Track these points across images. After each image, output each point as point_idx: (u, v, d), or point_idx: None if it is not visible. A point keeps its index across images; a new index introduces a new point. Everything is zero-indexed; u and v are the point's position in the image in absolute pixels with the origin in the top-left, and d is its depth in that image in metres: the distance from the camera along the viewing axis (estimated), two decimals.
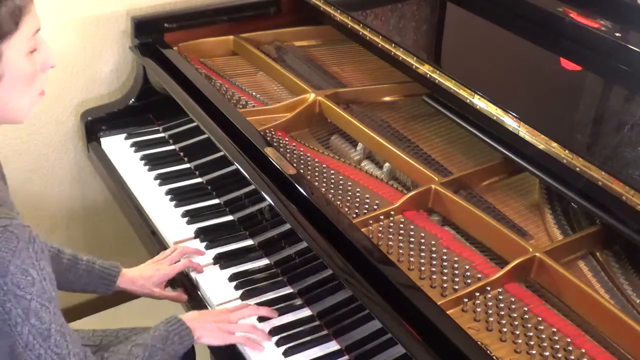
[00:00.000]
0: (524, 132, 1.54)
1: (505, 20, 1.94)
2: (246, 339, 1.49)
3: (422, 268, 1.49)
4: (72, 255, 1.62)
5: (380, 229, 1.57)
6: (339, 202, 1.66)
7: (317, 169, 1.77)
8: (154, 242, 1.85)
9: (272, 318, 1.55)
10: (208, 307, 1.63)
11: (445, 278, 1.47)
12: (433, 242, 1.55)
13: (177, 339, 1.43)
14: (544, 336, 1.35)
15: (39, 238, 1.22)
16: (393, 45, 1.88)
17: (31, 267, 1.19)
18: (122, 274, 1.66)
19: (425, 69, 1.78)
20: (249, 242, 1.77)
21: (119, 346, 1.40)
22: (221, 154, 1.82)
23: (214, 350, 1.54)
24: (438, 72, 1.75)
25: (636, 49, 1.65)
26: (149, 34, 2.19)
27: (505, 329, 1.36)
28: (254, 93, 2.07)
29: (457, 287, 1.45)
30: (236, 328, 1.50)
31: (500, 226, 1.53)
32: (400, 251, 1.53)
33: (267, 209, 1.69)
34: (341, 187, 1.71)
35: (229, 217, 1.86)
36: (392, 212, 1.60)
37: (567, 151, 1.46)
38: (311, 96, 1.96)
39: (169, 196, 1.92)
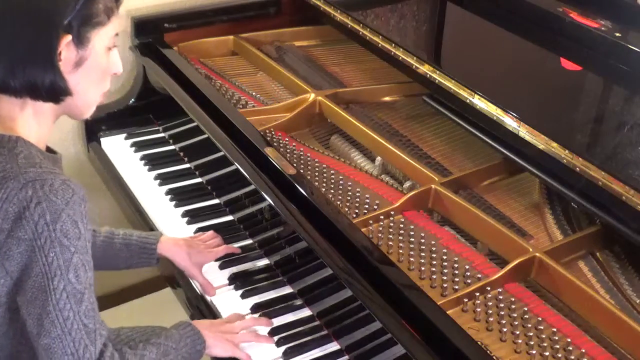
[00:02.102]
0: (524, 132, 1.54)
1: (505, 20, 1.94)
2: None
3: (422, 268, 1.49)
4: (108, 232, 1.63)
5: (380, 229, 1.57)
6: (339, 202, 1.66)
7: (317, 169, 1.77)
8: None
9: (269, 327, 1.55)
10: (209, 308, 1.63)
11: (445, 278, 1.47)
12: (433, 242, 1.55)
13: (189, 341, 1.42)
14: (544, 336, 1.35)
15: (88, 204, 1.26)
16: (393, 45, 1.88)
17: (80, 222, 1.23)
18: (163, 240, 1.65)
19: (425, 69, 1.78)
20: (248, 242, 1.77)
21: (133, 345, 1.39)
22: (221, 154, 1.82)
23: None
24: (438, 72, 1.75)
25: (636, 49, 1.65)
26: (148, 34, 2.19)
27: (505, 329, 1.36)
28: (254, 93, 2.07)
29: (457, 287, 1.45)
30: (241, 338, 1.50)
31: (500, 226, 1.53)
32: (400, 251, 1.53)
33: (267, 209, 1.69)
34: (341, 187, 1.71)
35: (229, 217, 1.86)
36: (392, 212, 1.60)
37: (567, 151, 1.46)
38: (311, 96, 1.96)
39: (169, 196, 1.92)
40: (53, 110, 1.31)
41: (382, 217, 1.59)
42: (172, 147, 2.12)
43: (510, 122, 1.58)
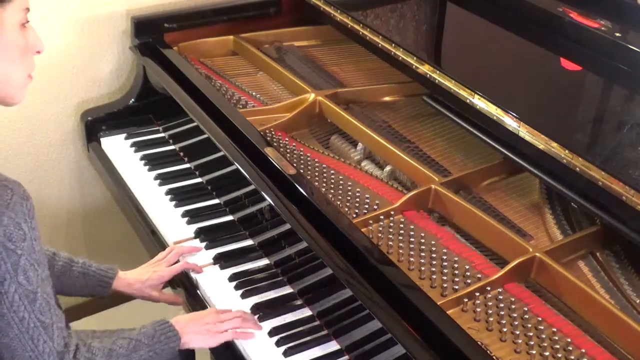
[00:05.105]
0: (524, 132, 1.54)
1: (505, 20, 1.94)
2: (236, 333, 1.49)
3: (422, 268, 1.49)
4: (67, 259, 1.61)
5: (380, 229, 1.57)
6: (339, 202, 1.66)
7: (317, 169, 1.77)
8: (154, 242, 1.85)
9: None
10: (208, 307, 1.63)
11: (445, 278, 1.47)
12: (433, 242, 1.55)
13: (163, 338, 1.43)
14: (544, 336, 1.35)
15: (31, 200, 1.23)
16: (393, 45, 1.88)
17: (23, 222, 1.20)
18: (118, 277, 1.65)
19: (425, 69, 1.78)
20: (249, 242, 1.77)
21: (105, 338, 1.39)
22: (221, 154, 1.82)
23: (213, 350, 1.54)
24: (438, 72, 1.75)
25: (636, 49, 1.65)
26: (149, 34, 2.19)
27: (505, 329, 1.36)
28: (254, 93, 2.07)
29: (457, 287, 1.45)
30: (225, 325, 1.50)
31: (500, 226, 1.53)
32: (400, 251, 1.53)
33: (267, 209, 1.69)
34: (341, 187, 1.71)
35: (229, 217, 1.86)
36: (392, 212, 1.60)
37: (567, 151, 1.46)
38: (311, 96, 1.96)
39: (169, 196, 1.92)
40: None
41: (382, 217, 1.59)
42: (172, 147, 2.12)
43: (510, 122, 1.57)
